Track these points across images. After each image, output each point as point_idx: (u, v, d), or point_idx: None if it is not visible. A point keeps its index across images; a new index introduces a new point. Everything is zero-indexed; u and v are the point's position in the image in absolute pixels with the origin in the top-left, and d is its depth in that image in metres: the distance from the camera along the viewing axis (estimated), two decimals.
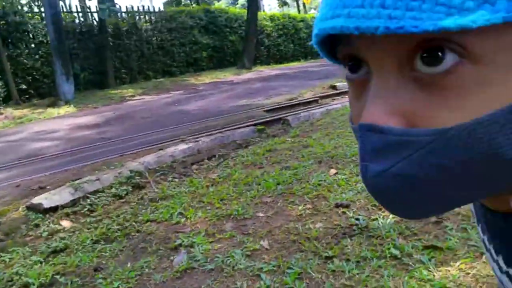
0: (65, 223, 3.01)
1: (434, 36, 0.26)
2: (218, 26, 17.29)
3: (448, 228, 2.17)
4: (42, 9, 11.88)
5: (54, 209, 3.14)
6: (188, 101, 9.64)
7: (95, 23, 13.73)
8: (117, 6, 14.40)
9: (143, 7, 16.19)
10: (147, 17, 15.25)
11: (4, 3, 12.56)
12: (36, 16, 12.55)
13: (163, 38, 15.13)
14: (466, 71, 0.27)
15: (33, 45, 11.83)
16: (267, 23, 19.57)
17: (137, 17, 14.97)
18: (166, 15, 15.77)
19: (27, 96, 11.46)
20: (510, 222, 0.38)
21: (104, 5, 12.42)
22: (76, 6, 16.72)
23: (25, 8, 13.74)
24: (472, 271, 1.81)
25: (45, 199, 3.19)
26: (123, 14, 14.83)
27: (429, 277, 1.79)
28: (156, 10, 16.22)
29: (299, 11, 34.54)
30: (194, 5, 22.16)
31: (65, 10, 13.85)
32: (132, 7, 15.75)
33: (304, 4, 42.03)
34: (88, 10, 14.61)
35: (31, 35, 11.90)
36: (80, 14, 14.53)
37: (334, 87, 9.26)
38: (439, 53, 0.27)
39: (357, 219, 2.41)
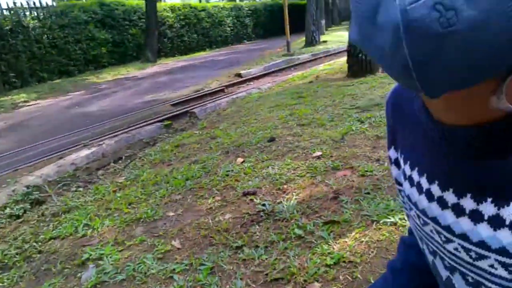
0: None
1: None
2: (116, 20, 16.30)
3: (343, 202, 2.35)
4: None
5: None
6: (90, 102, 9.05)
7: None
8: None
9: (28, 2, 14.62)
10: (34, 14, 13.80)
11: None
12: None
13: (55, 35, 13.87)
14: None
15: None
16: (168, 14, 18.97)
17: (22, 14, 13.51)
18: (56, 10, 14.41)
19: None
20: (478, 133, 0.38)
21: None
22: None
23: None
24: (365, 238, 1.98)
25: None
26: (4, 11, 13.27)
27: (329, 251, 1.93)
28: (44, 5, 14.71)
29: (200, 0, 34.09)
30: None
31: None
32: (15, 3, 14.12)
33: None
34: None
35: None
36: None
37: (239, 75, 9.39)
38: None
39: (263, 205, 2.50)
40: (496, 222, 0.40)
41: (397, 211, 2.17)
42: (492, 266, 0.41)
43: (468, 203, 0.42)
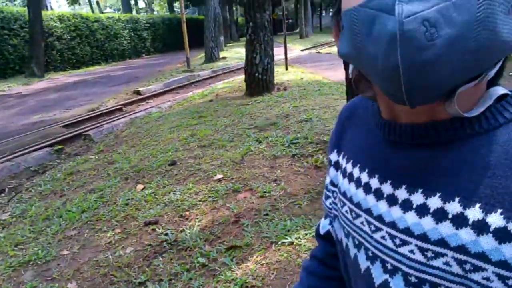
0: None
1: None
2: None
3: (244, 225, 2.45)
4: None
5: None
6: None
7: None
8: None
9: None
10: None
11: None
12: None
13: None
14: None
15: None
16: (56, 24, 17.46)
17: None
18: None
19: None
20: (431, 129, 0.45)
21: None
22: None
23: None
24: (265, 261, 2.09)
25: None
26: None
27: (232, 277, 2.00)
28: None
29: (92, 10, 32.31)
30: None
31: None
32: None
33: (98, 2, 39.43)
34: None
35: None
36: None
37: (138, 92, 9.10)
38: None
39: (166, 234, 2.48)
40: (422, 211, 0.46)
41: (293, 230, 2.33)
42: (412, 251, 0.46)
43: (401, 194, 0.48)
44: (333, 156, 0.66)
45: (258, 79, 6.47)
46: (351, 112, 0.66)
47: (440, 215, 0.44)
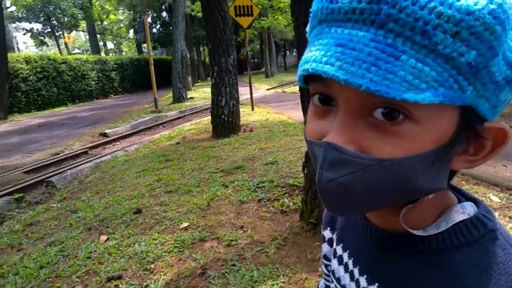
0: None
1: (396, 101, 0.36)
2: None
3: (211, 277, 2.41)
4: None
5: None
6: None
7: None
8: None
9: None
10: None
11: None
12: None
13: None
14: (408, 126, 0.38)
15: None
16: (21, 65, 17.34)
17: None
18: None
19: None
20: (386, 237, 0.51)
21: None
22: None
23: None
24: None
25: None
26: None
27: None
28: None
29: (60, 51, 32.15)
30: None
31: None
32: None
33: (66, 44, 39.28)
34: None
35: None
36: None
37: (104, 134, 8.98)
38: (395, 112, 0.38)
39: None
40: None
41: (260, 281, 2.31)
42: None
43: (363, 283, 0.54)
44: (327, 233, 0.70)
45: (224, 121, 6.56)
46: None
47: None
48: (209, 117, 7.47)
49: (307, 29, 0.46)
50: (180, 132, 7.82)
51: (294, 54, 52.87)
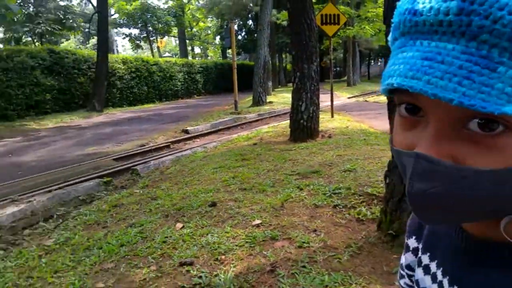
0: None
1: (494, 115, 0.34)
2: (64, 67, 16.27)
3: (280, 275, 2.36)
4: None
5: None
6: (25, 151, 8.57)
7: None
8: None
9: None
10: None
11: None
12: None
13: None
14: (508, 137, 0.36)
15: None
16: (119, 65, 19.27)
17: None
18: (1, 54, 14.05)
19: None
20: (485, 248, 0.47)
21: None
22: None
23: None
24: None
25: None
26: None
27: None
28: None
29: (153, 54, 34.63)
30: (37, 43, 20.35)
31: None
32: None
33: (158, 48, 42.43)
34: None
35: None
36: None
37: (186, 131, 9.42)
38: (494, 124, 0.36)
39: (200, 277, 2.44)
40: None
41: (331, 286, 2.21)
42: None
43: None
44: (412, 242, 0.67)
45: (303, 126, 6.50)
46: None
47: None
48: (287, 121, 7.47)
49: (389, 38, 0.44)
50: (257, 134, 7.92)
51: (379, 63, 51.20)
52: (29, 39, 21.84)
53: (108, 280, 2.57)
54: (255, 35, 22.87)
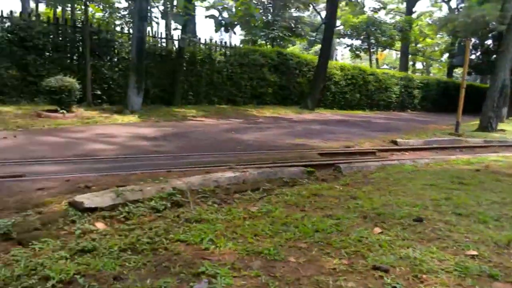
0: (100, 225, 3.04)
1: None
2: (288, 67, 18.37)
3: None
4: (131, 31, 13.39)
5: (93, 209, 3.20)
6: (245, 131, 9.75)
7: (174, 49, 15.03)
8: (197, 38, 15.99)
9: (221, 41, 17.42)
10: (222, 51, 16.47)
11: (100, 22, 15.60)
12: (124, 36, 14.03)
13: (234, 70, 16.37)
14: None
15: (115, 59, 13.42)
16: (336, 71, 20.35)
17: (213, 49, 16.26)
18: (240, 51, 16.94)
19: (99, 100, 12.35)
20: None
21: (186, 36, 13.77)
22: (161, 33, 19.74)
23: (118, 28, 16.91)
24: None
25: (87, 199, 3.27)
26: (201, 45, 16.10)
27: None
28: (232, 45, 17.52)
29: (370, 65, 34.48)
30: (269, 46, 23.28)
31: (150, 35, 15.74)
32: (211, 40, 17.23)
33: (377, 59, 42.02)
34: (171, 38, 15.90)
35: (116, 51, 13.47)
36: (163, 40, 16.03)
37: (395, 142, 8.93)
38: None
39: (394, 287, 2.18)
40: None
41: None
42: None
43: None
44: None
45: None
46: None
47: None
48: None
49: None
50: (482, 160, 6.82)
51: None
52: (263, 42, 25.06)
53: (299, 257, 2.58)
54: (494, 56, 20.02)
